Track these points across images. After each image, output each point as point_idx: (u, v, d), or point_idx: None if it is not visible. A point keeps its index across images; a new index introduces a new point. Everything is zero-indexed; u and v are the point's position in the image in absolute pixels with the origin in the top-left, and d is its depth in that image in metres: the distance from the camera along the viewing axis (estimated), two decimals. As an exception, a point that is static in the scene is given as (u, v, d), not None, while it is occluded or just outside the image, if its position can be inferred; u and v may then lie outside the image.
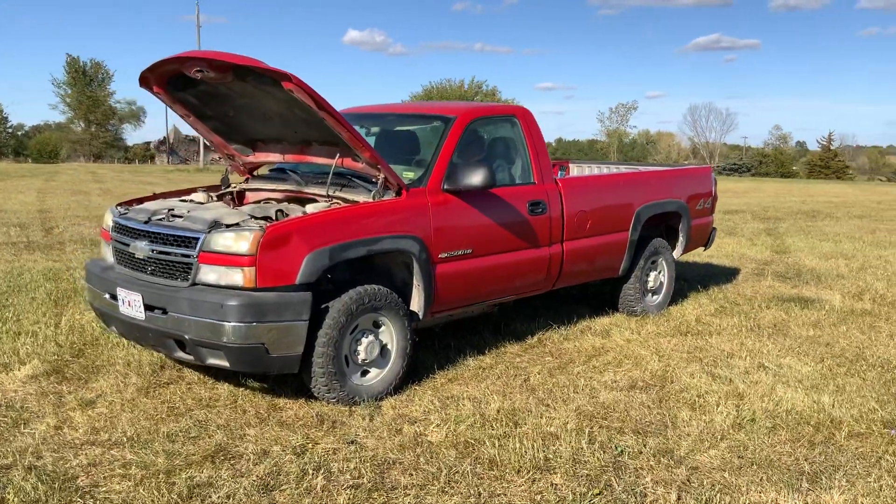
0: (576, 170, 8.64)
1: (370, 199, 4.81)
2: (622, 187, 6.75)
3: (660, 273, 7.15)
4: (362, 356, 4.68)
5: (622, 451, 3.99)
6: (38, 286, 7.60)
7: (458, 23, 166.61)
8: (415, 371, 5.11)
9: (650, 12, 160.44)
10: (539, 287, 6.00)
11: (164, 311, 4.39)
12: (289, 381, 4.86)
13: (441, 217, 5.04)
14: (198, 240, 4.35)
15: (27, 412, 4.41)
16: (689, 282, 8.39)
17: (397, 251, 4.81)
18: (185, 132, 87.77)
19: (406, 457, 3.90)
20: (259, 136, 5.45)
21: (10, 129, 79.00)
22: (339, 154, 4.92)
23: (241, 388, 4.83)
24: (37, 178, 30.53)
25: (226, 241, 4.27)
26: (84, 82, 78.71)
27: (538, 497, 3.52)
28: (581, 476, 3.71)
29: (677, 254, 7.37)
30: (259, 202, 5.38)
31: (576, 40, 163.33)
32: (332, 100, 4.45)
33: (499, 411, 4.50)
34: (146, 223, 4.69)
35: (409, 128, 6.03)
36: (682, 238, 7.34)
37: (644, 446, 4.04)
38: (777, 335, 6.36)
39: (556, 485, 3.62)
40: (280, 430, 4.21)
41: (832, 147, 79.69)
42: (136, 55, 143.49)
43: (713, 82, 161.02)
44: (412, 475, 3.70)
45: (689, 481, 3.68)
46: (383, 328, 4.80)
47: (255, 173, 5.86)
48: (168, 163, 76.78)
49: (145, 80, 4.93)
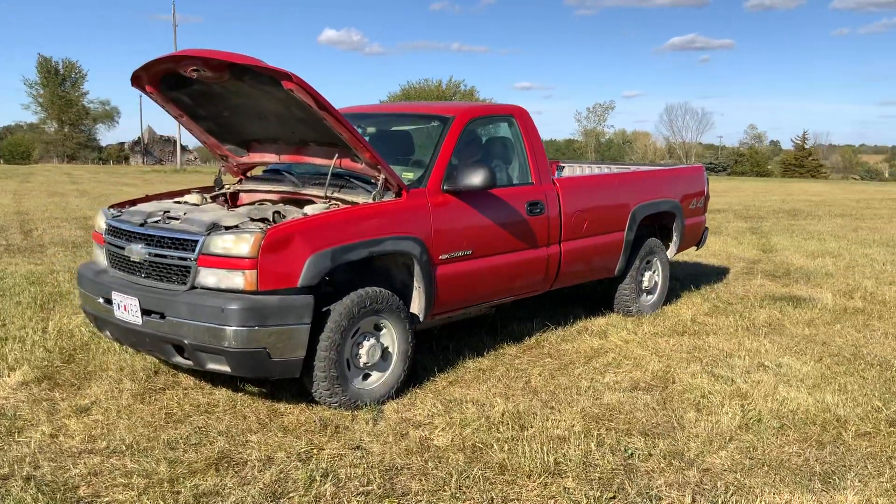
0: (567, 170, 8.62)
1: (370, 201, 4.73)
2: (618, 187, 6.72)
3: (654, 273, 7.13)
4: (364, 359, 4.60)
5: (632, 454, 3.95)
6: (22, 290, 7.44)
7: (436, 22, 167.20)
8: (414, 374, 5.03)
9: (627, 12, 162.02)
10: (537, 288, 5.95)
11: (162, 316, 4.28)
12: (287, 385, 4.77)
13: (441, 218, 4.97)
14: (196, 242, 4.24)
15: (20, 420, 4.28)
16: (680, 281, 8.38)
17: (398, 253, 4.74)
18: (159, 132, 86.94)
19: (414, 462, 3.84)
20: (254, 137, 5.34)
21: (-19, 130, 78.10)
22: (337, 155, 4.83)
23: (239, 393, 4.74)
24: (11, 179, 30.08)
25: (226, 244, 4.17)
26: (56, 82, 77.87)
27: (552, 502, 3.47)
28: (593, 480, 3.66)
29: (671, 253, 7.36)
30: (253, 204, 5.29)
31: (553, 40, 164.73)
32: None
33: (503, 414, 4.44)
34: (142, 225, 4.58)
35: (406, 128, 5.95)
36: (675, 237, 7.33)
37: (654, 448, 4.00)
38: (773, 334, 6.35)
39: (569, 489, 3.57)
40: (283, 435, 4.13)
41: (806, 146, 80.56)
42: (109, 54, 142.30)
43: (689, 82, 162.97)
44: (422, 481, 3.63)
45: (702, 483, 3.65)
46: (384, 331, 4.73)
47: (249, 174, 5.76)
48: (143, 163, 76.08)
49: (138, 78, 4.82)
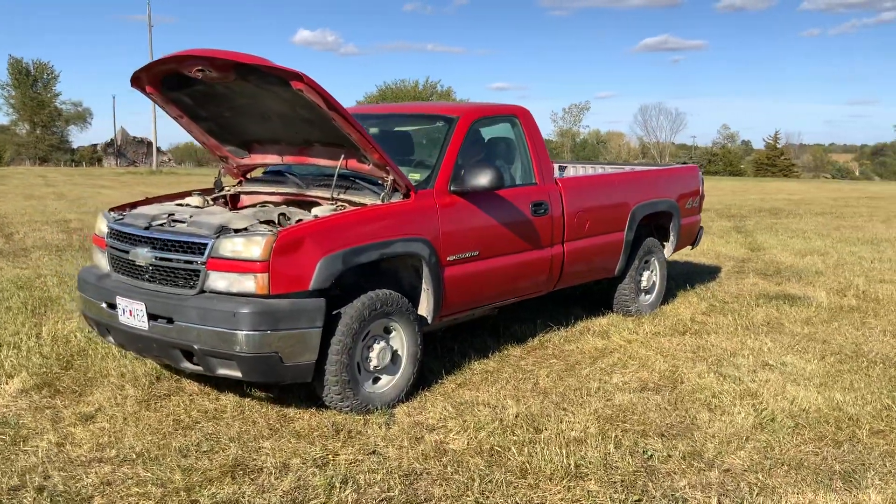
0: (570, 170, 8.61)
1: (377, 202, 4.67)
2: (618, 187, 6.72)
3: (653, 273, 7.14)
4: (374, 363, 4.54)
5: (651, 455, 3.92)
6: (11, 295, 7.28)
7: (410, 23, 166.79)
8: (422, 377, 4.98)
9: (600, 13, 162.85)
10: (541, 288, 5.93)
11: (170, 321, 4.19)
12: (294, 389, 4.70)
13: (449, 219, 4.92)
14: (205, 245, 4.16)
15: (24, 429, 4.17)
16: (674, 280, 8.40)
17: (408, 254, 4.68)
18: (132, 133, 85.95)
19: (432, 466, 3.79)
20: (256, 138, 5.25)
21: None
22: (343, 155, 4.77)
23: (246, 399, 4.65)
24: (-16, 182, 29.56)
25: (236, 247, 4.09)
26: (28, 83, 76.73)
27: (577, 505, 3.44)
28: (616, 482, 3.63)
29: (668, 253, 7.37)
30: (255, 206, 5.21)
31: (528, 41, 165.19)
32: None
33: (517, 417, 4.40)
34: (147, 229, 4.48)
35: (409, 128, 5.90)
36: (672, 237, 7.34)
37: (672, 450, 3.98)
38: (773, 333, 6.38)
39: (593, 492, 3.54)
40: (296, 441, 4.06)
41: (778, 145, 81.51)
42: (81, 55, 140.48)
43: (661, 83, 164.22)
44: (443, 486, 3.58)
45: (724, 484, 3.63)
46: (394, 333, 4.67)
47: (249, 176, 5.68)
48: (117, 165, 75.20)
49: (138, 79, 4.72)
